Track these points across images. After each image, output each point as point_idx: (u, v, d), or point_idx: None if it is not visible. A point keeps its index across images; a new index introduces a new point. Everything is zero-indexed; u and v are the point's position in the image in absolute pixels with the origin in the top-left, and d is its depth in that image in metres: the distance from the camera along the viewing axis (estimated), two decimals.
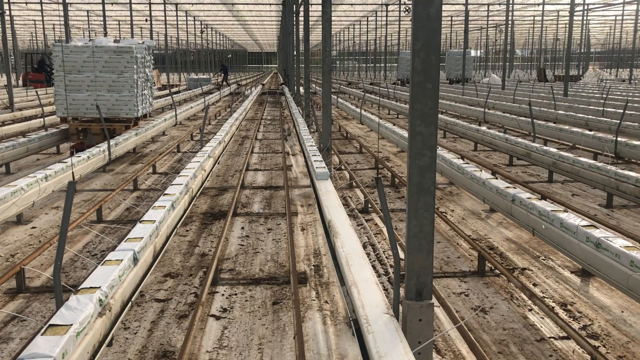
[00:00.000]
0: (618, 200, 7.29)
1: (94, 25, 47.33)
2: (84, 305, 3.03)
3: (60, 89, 10.47)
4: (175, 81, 41.32)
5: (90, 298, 3.11)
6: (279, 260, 5.34)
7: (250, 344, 3.76)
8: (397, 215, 6.79)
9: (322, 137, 9.63)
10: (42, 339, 2.67)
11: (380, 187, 3.24)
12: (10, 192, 5.91)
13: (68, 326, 2.79)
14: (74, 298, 3.11)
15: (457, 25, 50.48)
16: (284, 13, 35.12)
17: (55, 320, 2.86)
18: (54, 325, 2.81)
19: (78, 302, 3.05)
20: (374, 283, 3.43)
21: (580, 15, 39.68)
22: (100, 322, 3.11)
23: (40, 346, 2.60)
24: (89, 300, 3.09)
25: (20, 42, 62.20)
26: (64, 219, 3.05)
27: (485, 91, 21.94)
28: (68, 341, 2.70)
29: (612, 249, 3.98)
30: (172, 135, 14.67)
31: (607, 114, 15.21)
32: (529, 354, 3.64)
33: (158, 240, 4.58)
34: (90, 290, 3.22)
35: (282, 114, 20.38)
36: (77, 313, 2.94)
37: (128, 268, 3.74)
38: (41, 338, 2.68)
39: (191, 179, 6.49)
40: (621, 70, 53.68)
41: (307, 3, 15.53)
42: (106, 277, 3.41)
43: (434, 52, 2.95)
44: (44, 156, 11.12)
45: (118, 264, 3.62)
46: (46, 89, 27.14)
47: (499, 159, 10.86)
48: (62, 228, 3.05)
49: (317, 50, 70.07)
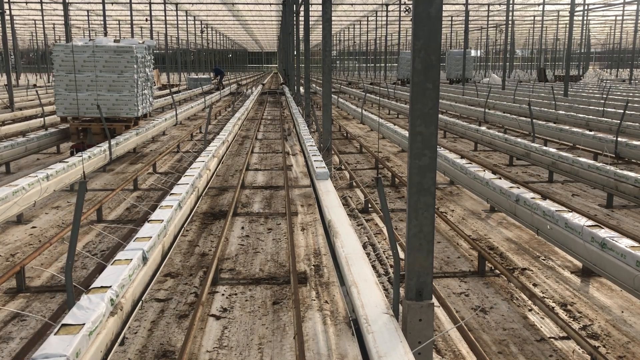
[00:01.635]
0: (618, 201, 7.29)
1: (94, 25, 47.33)
2: (95, 304, 3.04)
3: (61, 88, 10.48)
4: (176, 81, 41.33)
5: (102, 297, 3.13)
6: (279, 260, 5.34)
7: (251, 344, 3.76)
8: (397, 215, 6.79)
9: (322, 137, 9.63)
10: (55, 339, 2.68)
11: (380, 187, 3.24)
12: (11, 192, 5.91)
13: (81, 326, 2.81)
14: (85, 297, 3.12)
15: (458, 25, 50.48)
16: (284, 13, 35.12)
17: (68, 319, 2.88)
18: (66, 324, 2.83)
19: (90, 302, 3.07)
20: (374, 283, 3.43)
21: (581, 15, 39.70)
22: (112, 321, 3.12)
23: (54, 345, 2.62)
24: (101, 300, 3.10)
25: (21, 42, 62.21)
26: (75, 219, 3.05)
27: (486, 91, 21.94)
28: (81, 340, 2.71)
29: (618, 249, 3.98)
30: (172, 135, 14.67)
31: (607, 114, 15.21)
32: (529, 354, 3.64)
33: (166, 240, 4.59)
34: (102, 289, 3.23)
35: (282, 113, 20.39)
36: (89, 312, 2.95)
37: (138, 267, 3.75)
38: (54, 337, 2.70)
39: (197, 179, 6.49)
40: (621, 70, 53.69)
41: (307, 3, 15.53)
42: (117, 276, 3.42)
43: (434, 52, 2.95)
44: (44, 156, 11.12)
45: (128, 264, 3.63)
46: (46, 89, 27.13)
47: (499, 159, 10.86)
48: (74, 227, 3.06)
49: (317, 50, 70.10)
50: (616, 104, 17.75)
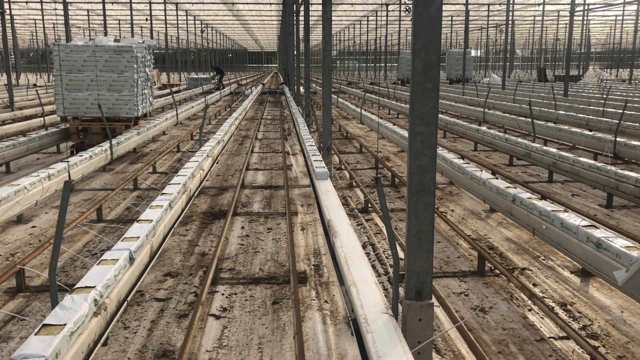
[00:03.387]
0: (618, 201, 7.29)
1: (94, 24, 47.30)
2: (78, 305, 3.03)
3: (61, 88, 10.47)
4: (176, 80, 41.33)
5: (85, 298, 3.11)
6: (279, 260, 5.34)
7: (250, 344, 3.76)
8: (397, 215, 6.79)
9: (322, 136, 9.63)
10: (35, 339, 2.67)
11: (380, 186, 3.24)
12: (13, 192, 5.92)
13: (62, 326, 2.79)
14: (68, 298, 3.11)
15: (458, 25, 50.46)
16: (284, 13, 35.12)
17: (50, 320, 2.86)
18: (47, 325, 2.81)
19: (73, 302, 3.05)
20: (373, 283, 3.43)
21: (581, 16, 39.68)
22: (95, 322, 3.11)
23: (33, 346, 2.60)
24: (84, 300, 3.09)
25: (21, 42, 62.18)
26: (59, 220, 3.05)
27: (486, 91, 21.94)
28: (61, 341, 2.69)
29: (613, 249, 3.98)
30: (172, 135, 14.67)
31: (607, 114, 15.21)
32: (529, 354, 3.64)
33: (155, 240, 4.58)
34: (85, 289, 3.22)
35: (282, 113, 20.39)
36: (72, 313, 2.94)
37: (124, 267, 3.74)
38: (35, 338, 2.68)
39: (189, 179, 6.49)
40: (621, 70, 53.67)
41: (307, 3, 15.52)
42: (102, 276, 3.40)
43: (435, 52, 2.95)
44: (44, 155, 11.12)
45: (114, 264, 3.62)
46: (46, 88, 27.12)
47: (499, 159, 10.86)
48: (58, 228, 3.06)
49: (317, 50, 70.06)
50: (616, 104, 17.74)
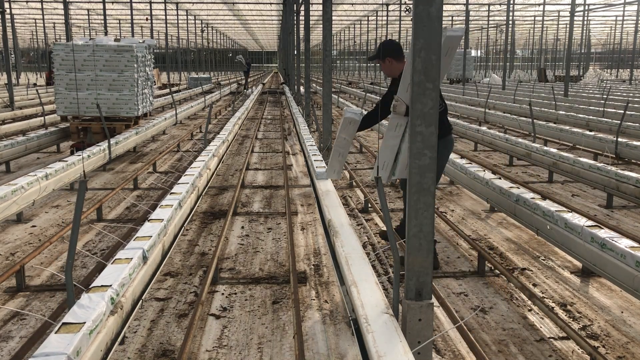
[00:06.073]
0: (618, 201, 7.29)
1: (95, 24, 47.33)
2: (96, 303, 3.05)
3: (61, 87, 10.48)
4: (176, 80, 41.32)
5: (102, 296, 3.13)
6: (279, 260, 5.34)
7: (250, 343, 3.76)
8: (397, 215, 6.79)
9: (322, 136, 9.63)
10: (55, 337, 2.68)
11: (380, 186, 3.24)
12: (10, 191, 5.91)
13: (81, 324, 2.81)
14: (86, 296, 3.12)
15: (458, 25, 50.44)
16: (285, 12, 35.10)
17: (68, 318, 2.88)
18: (67, 323, 2.83)
19: (90, 301, 3.07)
20: (374, 283, 3.42)
21: (581, 16, 39.68)
22: (112, 320, 3.12)
23: (54, 344, 2.62)
24: (101, 299, 3.10)
25: (21, 41, 62.19)
26: (75, 218, 3.05)
27: (486, 91, 21.94)
28: (81, 339, 2.71)
29: (617, 249, 3.97)
30: (173, 134, 14.67)
31: (607, 115, 15.21)
32: (529, 354, 3.64)
33: (166, 239, 4.59)
34: (102, 288, 3.23)
35: (282, 113, 20.38)
36: (90, 311, 2.95)
37: (138, 266, 3.75)
38: (55, 336, 2.70)
39: (197, 178, 6.49)
40: (622, 70, 53.66)
41: (307, 2, 15.52)
42: (117, 275, 3.43)
43: (435, 52, 2.95)
44: (44, 155, 11.12)
45: (128, 263, 3.63)
46: (46, 88, 27.14)
47: (499, 159, 10.86)
48: (74, 226, 3.06)
49: (317, 49, 70.06)
50: (616, 105, 17.73)
